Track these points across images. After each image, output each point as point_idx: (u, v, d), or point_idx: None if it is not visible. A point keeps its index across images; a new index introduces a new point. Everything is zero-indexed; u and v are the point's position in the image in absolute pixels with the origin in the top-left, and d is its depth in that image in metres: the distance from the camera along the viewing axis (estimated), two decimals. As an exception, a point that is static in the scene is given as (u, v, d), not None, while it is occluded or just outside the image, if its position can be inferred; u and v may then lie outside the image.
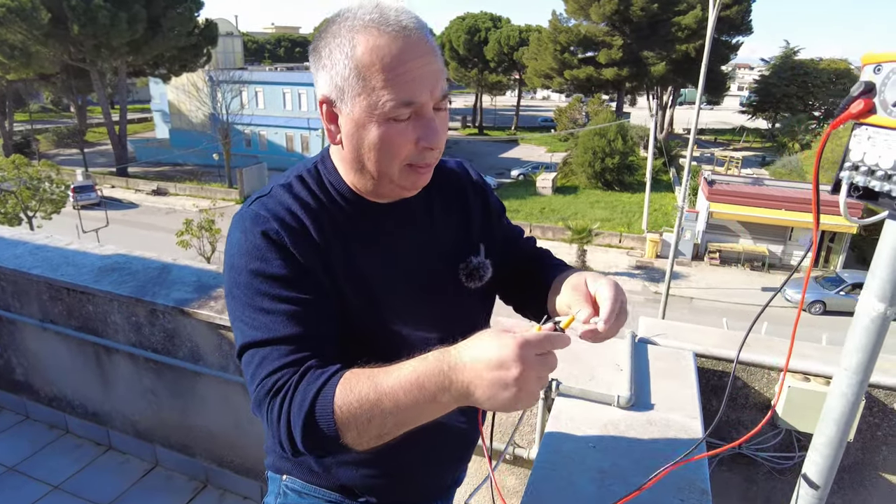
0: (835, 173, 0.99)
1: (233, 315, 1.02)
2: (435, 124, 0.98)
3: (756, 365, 2.77)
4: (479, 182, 1.34)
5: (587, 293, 1.02)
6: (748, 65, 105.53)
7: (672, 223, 26.15)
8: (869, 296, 0.95)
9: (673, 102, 47.06)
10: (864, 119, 0.94)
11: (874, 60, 0.92)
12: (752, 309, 19.67)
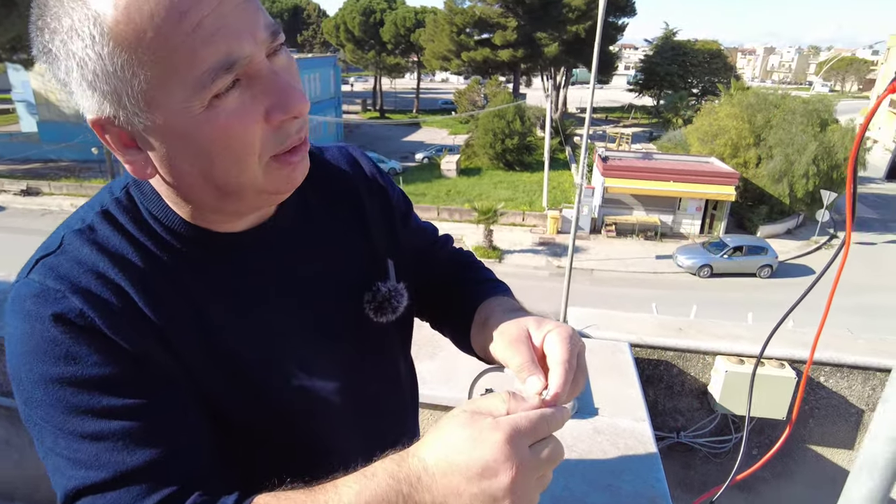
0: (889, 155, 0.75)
1: (41, 447, 0.64)
2: (281, 78, 0.63)
3: (692, 351, 2.68)
4: (374, 175, 0.97)
5: (531, 349, 0.72)
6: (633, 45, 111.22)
7: (570, 199, 27.05)
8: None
9: (566, 82, 48.66)
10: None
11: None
12: (647, 277, 20.80)
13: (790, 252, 23.39)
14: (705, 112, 29.32)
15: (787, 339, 2.78)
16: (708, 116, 28.12)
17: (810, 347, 2.73)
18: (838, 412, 2.78)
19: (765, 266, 20.93)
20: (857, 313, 18.17)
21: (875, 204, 30.64)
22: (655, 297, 19.11)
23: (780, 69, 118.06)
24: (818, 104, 26.06)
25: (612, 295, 19.17)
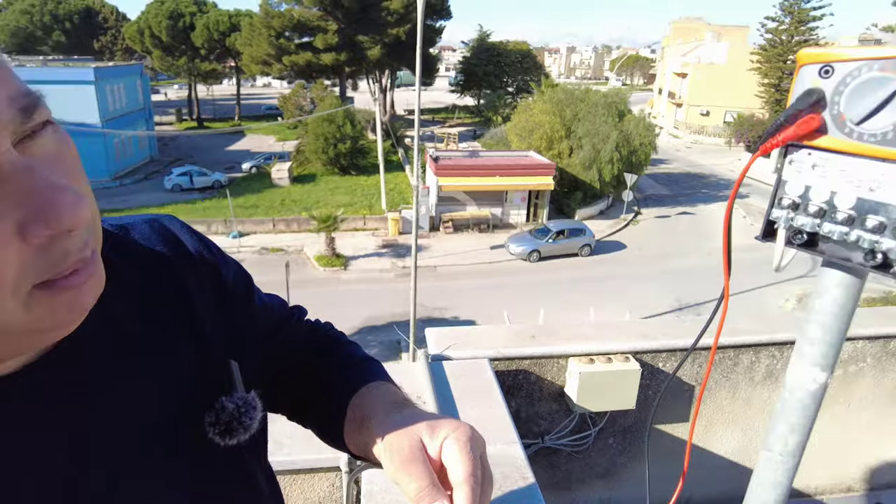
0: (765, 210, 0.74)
1: None
2: (40, 178, 0.43)
3: (546, 357, 2.78)
4: (201, 252, 0.74)
5: (428, 467, 0.60)
6: (452, 47, 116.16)
7: (409, 200, 27.48)
8: (804, 365, 0.75)
9: (392, 85, 49.28)
10: (809, 141, 0.68)
11: (819, 60, 0.67)
12: (484, 267, 21.84)
13: (604, 231, 26.11)
14: (521, 109, 31.50)
15: (629, 333, 3.00)
16: (524, 113, 30.24)
17: (651, 338, 2.97)
18: (675, 392, 3.07)
19: (585, 245, 23.13)
20: (665, 276, 20.87)
21: (666, 182, 35.39)
22: (494, 284, 20.17)
23: (582, 66, 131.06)
24: (615, 97, 29.35)
25: (456, 288, 19.82)
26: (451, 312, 17.96)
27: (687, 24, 62.36)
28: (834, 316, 0.72)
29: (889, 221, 0.63)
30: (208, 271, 0.75)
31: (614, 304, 18.54)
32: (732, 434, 3.31)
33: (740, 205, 30.57)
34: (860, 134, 0.64)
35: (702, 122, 49.80)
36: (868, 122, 0.63)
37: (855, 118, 0.64)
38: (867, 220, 0.64)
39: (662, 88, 57.25)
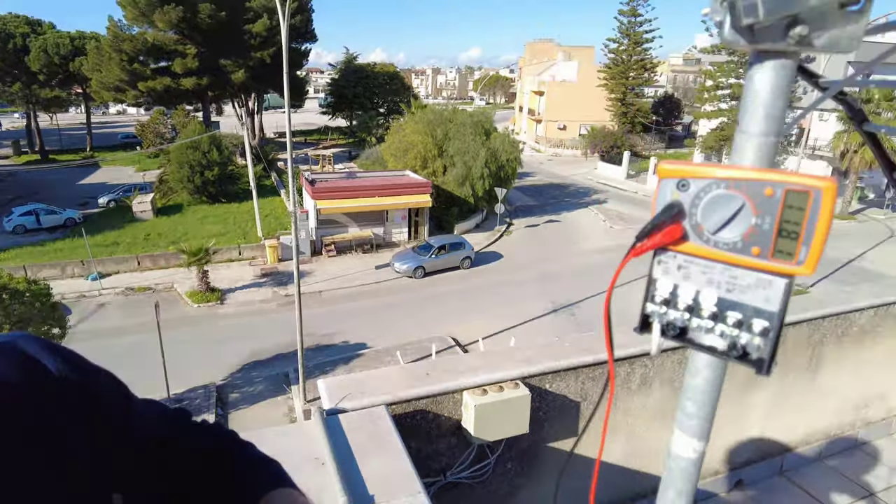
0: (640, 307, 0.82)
1: None
2: None
3: (442, 393, 2.82)
4: (64, 372, 0.66)
5: None
6: (319, 69, 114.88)
7: (286, 226, 26.62)
8: (683, 437, 0.83)
9: (259, 108, 47.63)
10: (674, 247, 0.77)
11: (676, 175, 0.76)
12: (371, 288, 21.69)
13: (482, 243, 27.04)
14: (394, 130, 31.84)
15: (516, 359, 3.13)
16: (397, 134, 30.60)
17: (535, 364, 3.12)
18: (563, 409, 3.25)
19: (465, 258, 23.80)
20: (540, 281, 22.01)
21: (533, 193, 37.43)
22: (382, 304, 20.10)
23: (448, 87, 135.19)
24: (481, 116, 30.64)
25: (344, 311, 19.48)
26: (340, 337, 17.59)
27: (540, 46, 66.69)
28: (707, 393, 0.81)
29: (745, 318, 0.73)
30: (78, 395, 0.66)
31: (498, 311, 19.21)
32: (618, 441, 3.57)
33: (599, 210, 33.19)
34: (716, 242, 0.74)
35: (560, 136, 53.38)
36: (722, 232, 0.73)
37: (711, 228, 0.73)
38: (728, 317, 0.74)
39: (523, 106, 60.63)
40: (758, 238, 0.71)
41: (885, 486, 4.45)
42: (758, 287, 0.73)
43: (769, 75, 0.72)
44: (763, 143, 0.73)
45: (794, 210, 0.69)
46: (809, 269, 0.69)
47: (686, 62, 65.26)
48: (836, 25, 0.67)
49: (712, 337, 0.77)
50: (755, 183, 0.70)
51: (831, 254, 23.98)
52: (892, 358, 4.81)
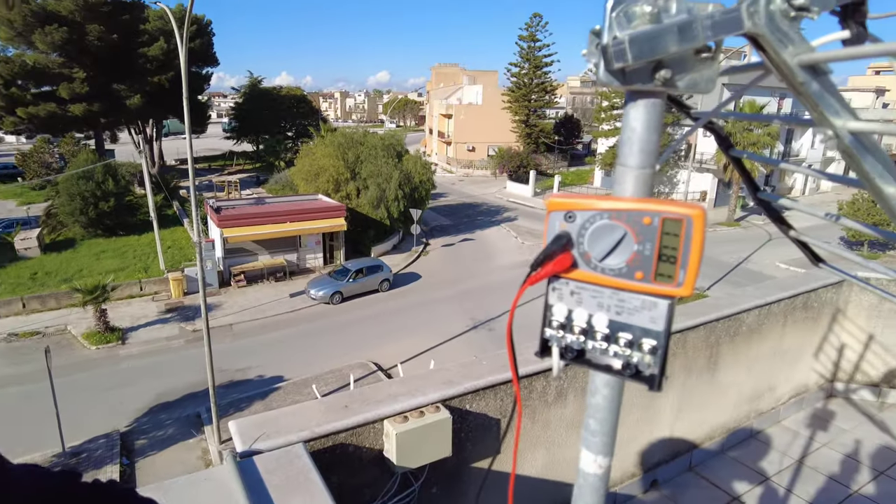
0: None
1: None
2: None
3: (361, 425, 2.76)
4: None
5: None
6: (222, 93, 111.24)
7: (190, 257, 25.31)
8: (589, 454, 0.87)
9: (158, 135, 45.30)
10: (566, 274, 0.81)
11: (563, 207, 0.81)
12: (286, 317, 21.02)
13: (400, 264, 27.00)
14: (304, 153, 31.29)
15: (435, 382, 3.14)
16: (307, 157, 30.08)
17: (454, 385, 3.15)
18: (484, 428, 3.29)
19: (384, 281, 23.63)
20: (459, 298, 22.25)
21: (447, 213, 37.95)
22: (300, 333, 19.50)
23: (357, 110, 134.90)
24: (392, 139, 30.83)
25: (258, 344, 18.71)
26: (256, 371, 16.85)
27: (445, 70, 68.30)
28: (607, 410, 0.86)
29: (635, 338, 0.78)
30: None
31: (419, 332, 19.19)
32: (538, 453, 3.65)
33: (510, 227, 34.17)
34: (603, 268, 0.79)
35: (469, 157, 54.65)
36: (607, 260, 0.78)
37: (597, 256, 0.79)
38: (620, 338, 0.79)
39: (432, 128, 61.63)
40: (640, 263, 0.77)
41: (777, 469, 4.84)
42: (644, 309, 0.78)
43: (642, 112, 0.78)
44: (640, 175, 0.80)
45: (670, 236, 0.75)
46: (688, 290, 0.75)
47: (583, 84, 69.11)
48: (694, 69, 0.75)
49: (607, 357, 0.82)
50: (634, 213, 0.76)
51: (723, 258, 25.99)
52: (777, 352, 5.26)
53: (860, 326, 5.72)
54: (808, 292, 5.26)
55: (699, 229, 0.74)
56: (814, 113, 0.79)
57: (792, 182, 42.42)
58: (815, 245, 1.25)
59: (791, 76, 0.73)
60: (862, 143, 0.78)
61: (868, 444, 5.17)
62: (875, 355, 5.76)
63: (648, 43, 0.70)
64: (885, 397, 5.86)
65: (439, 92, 61.47)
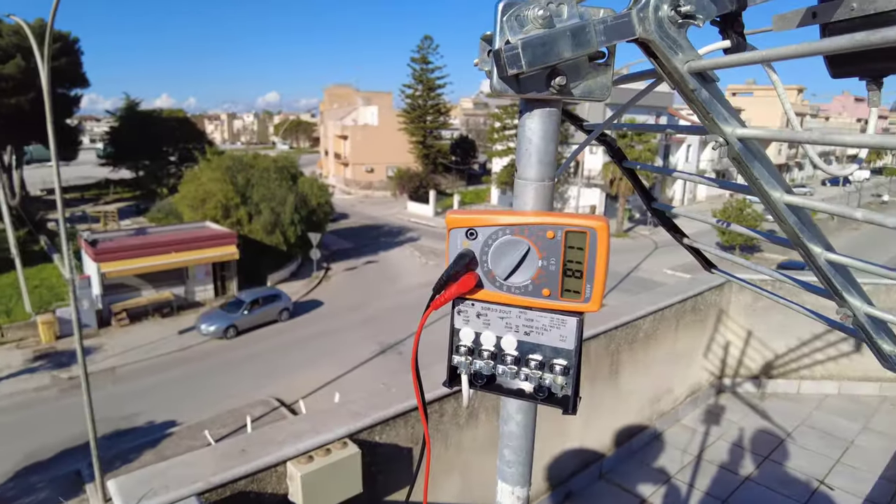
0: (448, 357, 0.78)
1: None
2: None
3: (262, 470, 2.55)
4: None
5: None
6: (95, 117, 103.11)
7: (63, 296, 22.97)
8: (506, 486, 0.81)
9: (19, 162, 41.00)
10: (471, 295, 0.75)
11: (464, 224, 0.74)
12: (176, 356, 19.61)
13: (299, 291, 26.12)
14: (189, 179, 29.60)
15: (341, 416, 2.98)
16: (192, 183, 28.47)
17: (362, 418, 3.01)
18: (396, 459, 3.17)
19: (283, 310, 22.70)
20: (365, 324, 21.84)
21: (348, 236, 37.40)
22: (191, 372, 18.19)
23: (246, 132, 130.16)
24: (285, 161, 29.98)
25: (146, 387, 17.25)
26: (145, 417, 15.46)
27: (339, 90, 67.89)
28: (522, 438, 0.81)
29: (546, 359, 0.74)
30: None
31: (324, 361, 18.59)
32: (452, 478, 3.58)
33: (414, 247, 34.28)
34: (509, 287, 0.74)
35: (368, 178, 54.43)
36: (513, 277, 0.73)
37: (501, 274, 0.74)
38: (530, 361, 0.74)
39: (328, 150, 60.80)
40: (546, 280, 0.73)
41: (679, 467, 5.09)
42: (553, 327, 0.74)
43: (538, 123, 0.75)
44: (540, 188, 0.76)
45: (574, 250, 0.71)
46: (595, 306, 0.72)
47: (476, 106, 71.31)
48: (588, 76, 0.73)
49: (518, 381, 0.77)
50: (537, 227, 0.72)
51: (614, 267, 27.58)
52: (672, 355, 5.58)
53: (741, 324, 6.21)
54: (696, 296, 5.64)
55: (604, 242, 0.71)
56: (705, 120, 0.79)
57: (672, 193, 46.08)
58: (706, 251, 1.28)
59: (682, 83, 0.72)
60: (750, 149, 0.79)
61: (753, 432, 5.59)
62: (754, 350, 6.29)
63: (542, 48, 0.67)
64: (765, 387, 6.40)
65: (333, 112, 60.86)
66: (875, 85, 0.86)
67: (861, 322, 0.89)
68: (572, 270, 0.72)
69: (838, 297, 0.89)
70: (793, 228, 0.82)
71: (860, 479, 4.96)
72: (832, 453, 5.33)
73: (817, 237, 0.84)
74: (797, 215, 0.81)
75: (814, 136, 0.67)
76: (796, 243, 0.85)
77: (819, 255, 0.84)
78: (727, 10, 0.75)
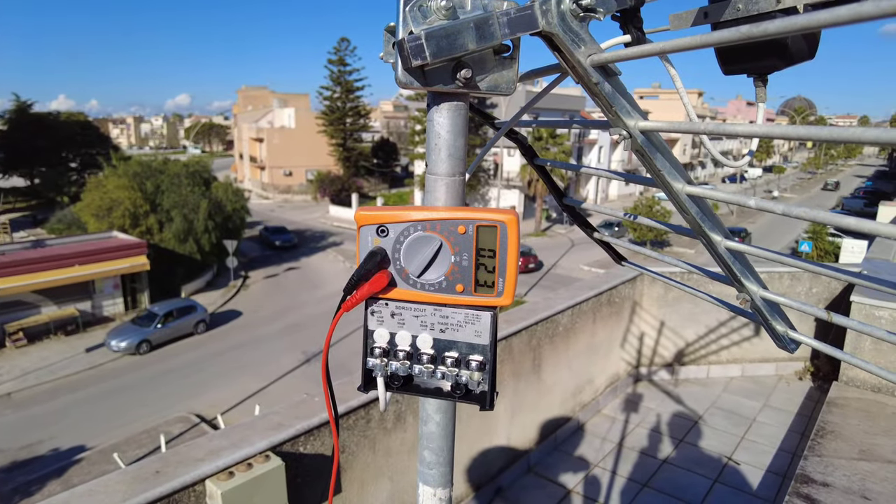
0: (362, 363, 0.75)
1: None
2: None
3: (177, 491, 2.40)
4: None
5: None
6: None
7: (-54, 318, 20.82)
8: (428, 488, 0.79)
9: None
10: (384, 294, 0.73)
11: (374, 221, 0.72)
12: (83, 376, 18.30)
13: (216, 302, 25.03)
14: (92, 186, 27.67)
15: (263, 428, 2.87)
16: (97, 191, 26.64)
17: (285, 429, 2.90)
18: (323, 469, 3.08)
19: (199, 322, 21.66)
20: (287, 332, 21.21)
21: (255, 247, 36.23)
22: (102, 392, 17.00)
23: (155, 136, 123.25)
24: (197, 165, 28.62)
25: (50, 412, 15.93)
26: (48, 445, 14.25)
27: (253, 92, 65.73)
28: (442, 438, 0.79)
29: (462, 356, 0.73)
30: None
31: (246, 373, 17.89)
32: (382, 484, 3.53)
33: (337, 251, 33.71)
34: (422, 284, 0.72)
35: (287, 182, 53.00)
36: (426, 275, 0.72)
37: (415, 272, 0.72)
38: (446, 358, 0.73)
39: (243, 153, 58.69)
40: (459, 275, 0.72)
41: (602, 455, 5.28)
42: (468, 323, 0.73)
43: (446, 117, 0.74)
44: (451, 183, 0.75)
45: (486, 244, 0.71)
46: (508, 299, 0.71)
47: (396, 108, 71.17)
48: (494, 70, 0.72)
49: (435, 380, 0.75)
50: (448, 222, 0.71)
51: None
52: (591, 347, 5.79)
53: (654, 315, 6.54)
54: (611, 289, 5.87)
55: (514, 235, 0.70)
56: (608, 114, 0.81)
57: (585, 193, 47.93)
58: (616, 244, 1.33)
59: (586, 76, 0.73)
60: (652, 142, 0.81)
61: (670, 417, 5.90)
62: (667, 339, 6.63)
63: (446, 39, 0.65)
64: (678, 374, 6.76)
65: (248, 115, 58.83)
66: (761, 81, 0.91)
67: (758, 305, 0.94)
68: (485, 265, 0.71)
69: (738, 283, 0.94)
70: (695, 218, 0.86)
71: (762, 453, 5.35)
72: (738, 431, 5.71)
73: (717, 227, 0.88)
74: (698, 205, 0.85)
75: (709, 127, 0.70)
76: (698, 232, 0.89)
77: (719, 244, 0.88)
78: (626, 5, 0.78)
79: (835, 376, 5.45)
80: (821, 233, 28.00)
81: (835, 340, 6.24)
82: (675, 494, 4.75)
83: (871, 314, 5.31)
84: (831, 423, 4.70)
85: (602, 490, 4.79)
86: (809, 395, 6.47)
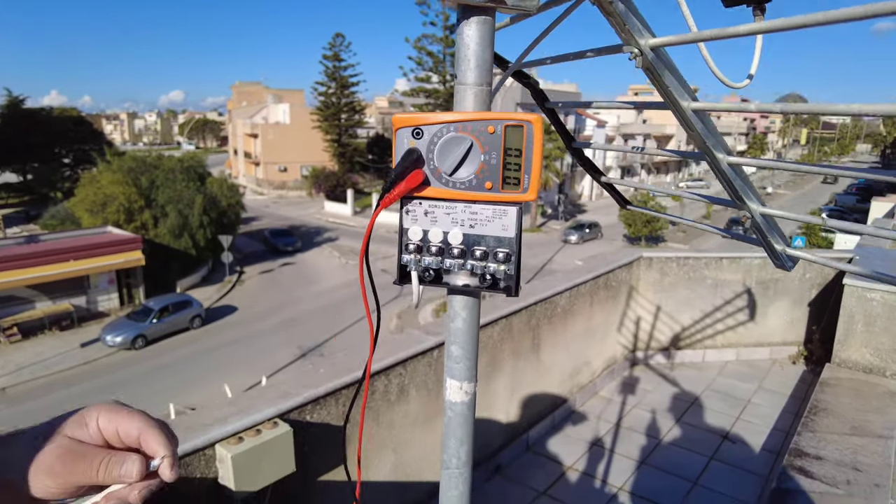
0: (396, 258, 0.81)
1: None
2: None
3: (190, 453, 2.45)
4: None
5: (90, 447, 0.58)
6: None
7: (-60, 313, 20.70)
8: (455, 382, 0.85)
9: None
10: (418, 193, 0.79)
11: (410, 124, 0.78)
12: (79, 371, 18.28)
13: (212, 297, 25.00)
14: (86, 182, 27.57)
15: (270, 396, 2.92)
16: (91, 186, 26.54)
17: (292, 397, 2.96)
18: (328, 437, 3.14)
19: (195, 317, 21.65)
20: (283, 328, 21.23)
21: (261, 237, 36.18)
22: (97, 387, 16.97)
23: (149, 132, 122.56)
24: (192, 161, 28.55)
25: (44, 407, 15.91)
26: (40, 440, 14.23)
27: (247, 88, 65.49)
28: (468, 334, 0.85)
29: (489, 249, 0.79)
30: None
31: (242, 369, 17.91)
32: (385, 456, 3.59)
33: (333, 247, 33.70)
34: (454, 183, 0.78)
35: (282, 178, 52.89)
36: (457, 173, 0.78)
37: (447, 171, 0.78)
38: (475, 251, 0.79)
39: (237, 149, 58.52)
40: (489, 173, 0.78)
41: (596, 436, 5.37)
42: (495, 218, 0.79)
43: (474, 30, 0.79)
44: (479, 92, 0.81)
45: (513, 143, 0.77)
46: (533, 194, 0.78)
47: (391, 104, 71.12)
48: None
49: (465, 275, 0.82)
50: (479, 122, 0.77)
51: (530, 262, 28.40)
52: (588, 330, 5.86)
53: (650, 300, 6.62)
54: (608, 273, 5.96)
55: (538, 135, 0.76)
56: (622, 34, 0.87)
57: (581, 189, 48.08)
58: (623, 187, 1.39)
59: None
60: (661, 59, 0.88)
61: (666, 399, 5.99)
62: (663, 323, 6.72)
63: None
64: (674, 358, 6.86)
65: (242, 111, 58.62)
66: (759, 10, 0.97)
67: (758, 223, 1.01)
68: (511, 163, 0.77)
69: (739, 201, 1.00)
70: (699, 135, 0.92)
71: (757, 432, 5.45)
72: (733, 412, 5.81)
73: (720, 143, 0.95)
74: (703, 121, 0.91)
75: (713, 32, 0.76)
76: (702, 149, 0.95)
77: (722, 160, 0.95)
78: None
79: (828, 359, 5.56)
80: (814, 228, 28.23)
81: (827, 325, 6.35)
82: (673, 471, 4.84)
83: (863, 296, 5.41)
84: (824, 401, 4.81)
85: (600, 468, 4.88)
86: (803, 378, 6.58)
